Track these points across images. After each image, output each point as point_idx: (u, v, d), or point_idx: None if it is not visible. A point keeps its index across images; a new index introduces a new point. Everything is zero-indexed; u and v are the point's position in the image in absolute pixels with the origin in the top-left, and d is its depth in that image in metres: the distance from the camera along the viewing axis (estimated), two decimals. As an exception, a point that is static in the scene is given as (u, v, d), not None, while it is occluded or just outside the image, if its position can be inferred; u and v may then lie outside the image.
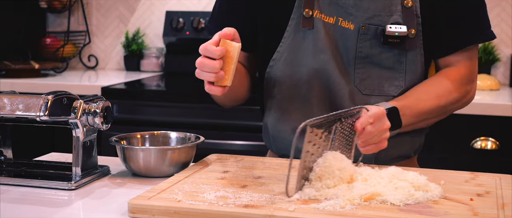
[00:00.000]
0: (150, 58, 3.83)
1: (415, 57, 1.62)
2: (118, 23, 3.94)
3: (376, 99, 1.61)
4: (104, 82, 3.27)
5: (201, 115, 2.98)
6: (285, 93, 1.65)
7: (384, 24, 1.60)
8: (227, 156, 1.61)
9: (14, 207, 1.28)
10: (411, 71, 1.63)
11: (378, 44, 1.61)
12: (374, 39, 1.61)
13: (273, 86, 1.67)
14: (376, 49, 1.61)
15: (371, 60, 1.62)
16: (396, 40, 1.59)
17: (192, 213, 1.17)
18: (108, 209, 1.27)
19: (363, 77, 1.62)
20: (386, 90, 1.63)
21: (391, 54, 1.62)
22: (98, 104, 1.44)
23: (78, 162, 1.44)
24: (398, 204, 1.21)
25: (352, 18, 1.61)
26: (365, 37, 1.61)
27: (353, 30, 1.61)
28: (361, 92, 1.63)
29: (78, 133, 1.44)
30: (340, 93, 1.62)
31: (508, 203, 1.24)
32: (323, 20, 1.62)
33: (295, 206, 1.18)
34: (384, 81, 1.63)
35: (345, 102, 1.61)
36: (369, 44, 1.61)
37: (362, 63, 1.62)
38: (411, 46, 1.61)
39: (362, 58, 1.62)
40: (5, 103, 1.43)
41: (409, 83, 1.63)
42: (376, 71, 1.62)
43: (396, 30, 1.58)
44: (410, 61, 1.62)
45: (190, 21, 3.65)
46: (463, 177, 1.44)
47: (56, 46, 3.75)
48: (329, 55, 1.61)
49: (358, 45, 1.61)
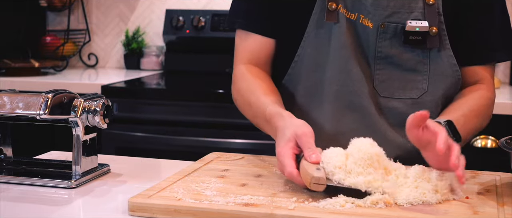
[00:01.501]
0: (150, 57, 3.83)
1: (440, 58, 1.57)
2: (118, 21, 3.94)
3: (395, 103, 1.58)
4: (104, 81, 3.27)
5: (201, 113, 2.98)
6: (308, 90, 1.62)
7: (403, 22, 1.55)
8: (227, 154, 1.61)
9: (14, 206, 1.28)
10: (436, 73, 1.58)
11: (399, 43, 1.56)
12: (394, 39, 1.56)
13: (297, 83, 1.63)
14: (396, 49, 1.57)
15: (391, 61, 1.57)
16: (417, 37, 1.54)
17: (192, 212, 1.17)
18: (108, 208, 1.27)
19: (383, 79, 1.58)
20: (407, 93, 1.58)
21: (413, 54, 1.57)
22: (98, 102, 1.44)
23: (78, 160, 1.44)
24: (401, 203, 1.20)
25: (371, 16, 1.57)
26: (384, 36, 1.56)
27: (372, 29, 1.57)
28: (380, 94, 1.59)
29: (78, 131, 1.44)
30: (360, 92, 1.57)
31: (508, 201, 1.24)
32: (346, 15, 1.57)
33: (295, 205, 1.18)
34: (405, 83, 1.58)
35: (365, 101, 1.57)
36: (388, 44, 1.57)
37: (382, 64, 1.58)
38: (433, 45, 1.56)
39: (381, 58, 1.57)
40: (5, 101, 1.43)
41: (434, 86, 1.58)
42: (397, 73, 1.58)
43: (417, 25, 1.54)
44: (434, 62, 1.57)
45: (190, 20, 3.65)
46: (463, 176, 1.44)
47: (56, 45, 3.75)
48: (350, 52, 1.56)
49: (377, 45, 1.57)
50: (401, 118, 1.55)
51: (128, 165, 1.61)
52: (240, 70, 1.66)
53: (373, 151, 1.27)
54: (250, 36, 1.67)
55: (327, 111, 1.59)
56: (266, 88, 1.58)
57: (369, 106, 1.57)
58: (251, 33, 1.67)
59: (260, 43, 1.67)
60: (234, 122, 2.89)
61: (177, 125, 3.00)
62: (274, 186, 1.32)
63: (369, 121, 1.58)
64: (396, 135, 1.59)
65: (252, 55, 1.67)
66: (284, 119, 1.41)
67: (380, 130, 1.58)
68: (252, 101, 1.57)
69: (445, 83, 1.59)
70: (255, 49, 1.67)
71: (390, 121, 1.59)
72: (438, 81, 1.59)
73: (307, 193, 1.26)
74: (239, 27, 1.69)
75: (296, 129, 1.34)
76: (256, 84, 1.60)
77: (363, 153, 1.26)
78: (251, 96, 1.58)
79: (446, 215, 1.15)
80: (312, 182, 1.22)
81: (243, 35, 1.68)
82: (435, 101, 1.60)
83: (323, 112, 1.60)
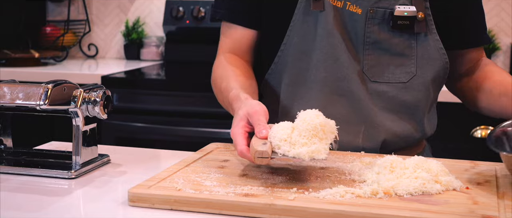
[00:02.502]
0: (150, 47, 3.83)
1: (427, 43, 1.61)
2: (118, 12, 3.94)
3: (385, 87, 1.61)
4: (104, 71, 3.27)
5: (201, 104, 2.98)
6: (294, 78, 1.63)
7: (391, 7, 1.59)
8: (227, 145, 1.61)
9: (14, 196, 1.28)
10: (423, 57, 1.61)
11: (387, 29, 1.59)
12: (382, 24, 1.60)
13: (283, 71, 1.65)
14: (385, 34, 1.60)
15: (380, 46, 1.60)
16: (405, 22, 1.58)
17: (192, 202, 1.17)
18: (108, 198, 1.27)
19: (372, 64, 1.61)
20: (397, 77, 1.61)
21: (401, 39, 1.60)
22: (98, 93, 1.44)
23: (78, 151, 1.44)
24: (401, 194, 1.21)
25: (359, 2, 1.59)
26: (373, 22, 1.59)
27: (361, 14, 1.59)
28: (369, 79, 1.61)
29: (78, 122, 1.44)
30: (349, 77, 1.59)
31: (508, 192, 1.25)
32: (332, 3, 1.60)
33: (295, 195, 1.18)
34: (394, 68, 1.61)
35: (354, 86, 1.59)
36: (377, 29, 1.60)
37: (371, 49, 1.60)
38: (420, 29, 1.60)
39: (370, 43, 1.60)
40: (5, 92, 1.43)
41: (422, 70, 1.61)
42: (386, 58, 1.61)
43: (405, 9, 1.57)
44: (421, 46, 1.61)
45: (190, 10, 3.65)
46: (463, 166, 1.44)
47: (56, 35, 3.75)
48: (338, 39, 1.59)
49: (366, 30, 1.60)
50: (391, 102, 1.60)
51: (128, 155, 1.62)
52: (219, 59, 1.70)
53: (317, 122, 1.27)
54: (233, 27, 1.70)
55: (315, 98, 1.61)
56: (238, 74, 1.61)
57: (358, 91, 1.59)
58: (233, 25, 1.70)
59: (241, 34, 1.70)
60: (234, 112, 2.89)
61: (177, 115, 3.01)
62: (274, 176, 1.32)
63: (358, 106, 1.60)
64: (384, 119, 1.62)
65: (233, 45, 1.71)
66: (240, 101, 1.43)
67: (369, 115, 1.61)
68: (223, 87, 1.60)
69: (433, 66, 1.62)
70: (237, 39, 1.70)
71: (380, 105, 1.62)
72: (426, 65, 1.62)
73: (307, 184, 1.26)
74: (222, 18, 1.73)
75: (249, 108, 1.35)
76: (230, 71, 1.63)
77: (308, 124, 1.27)
78: (223, 82, 1.61)
79: (446, 205, 1.15)
80: (256, 156, 1.23)
81: (226, 25, 1.72)
82: (425, 85, 1.63)
83: (310, 99, 1.61)
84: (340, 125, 1.40)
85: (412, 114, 1.63)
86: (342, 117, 1.58)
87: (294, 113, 1.56)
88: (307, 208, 1.13)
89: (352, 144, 1.60)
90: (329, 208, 1.12)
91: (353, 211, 1.11)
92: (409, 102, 1.62)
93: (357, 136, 1.61)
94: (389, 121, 1.62)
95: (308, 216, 1.13)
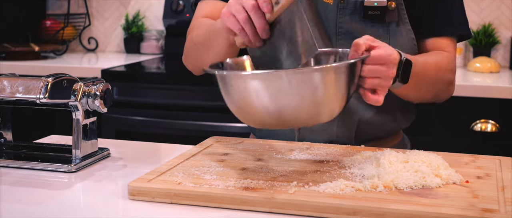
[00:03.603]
0: (150, 41, 3.83)
1: (399, 32, 1.60)
2: (118, 5, 3.93)
3: None
4: (104, 65, 3.27)
5: (201, 97, 2.98)
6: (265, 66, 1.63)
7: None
8: (227, 139, 1.61)
9: (14, 190, 1.28)
10: (395, 46, 1.57)
11: (359, 19, 1.59)
12: (354, 14, 1.59)
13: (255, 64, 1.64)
14: (357, 24, 1.60)
15: (352, 36, 1.57)
16: (376, 12, 1.58)
17: (192, 196, 1.18)
18: (108, 192, 1.27)
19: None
20: None
21: (373, 29, 1.59)
22: (98, 86, 1.44)
23: (78, 144, 1.44)
24: (401, 188, 1.21)
25: None
26: (344, 12, 1.59)
27: (332, 5, 1.60)
28: None
29: (78, 115, 1.44)
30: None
31: (508, 185, 1.25)
32: None
33: (295, 189, 1.18)
34: None
35: None
36: (349, 20, 1.60)
37: (343, 39, 1.60)
38: (392, 19, 1.59)
39: (343, 34, 1.60)
40: (5, 85, 1.43)
41: None
42: None
43: (376, 0, 1.57)
44: (393, 36, 1.60)
45: (190, 4, 3.64)
46: (463, 160, 1.44)
47: (56, 29, 3.75)
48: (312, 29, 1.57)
49: (338, 21, 1.60)
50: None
51: (128, 149, 1.62)
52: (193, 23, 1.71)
53: None
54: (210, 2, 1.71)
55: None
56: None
57: None
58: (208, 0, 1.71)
59: (219, 8, 1.66)
60: (234, 106, 2.89)
61: (177, 108, 3.00)
62: (274, 170, 1.32)
63: None
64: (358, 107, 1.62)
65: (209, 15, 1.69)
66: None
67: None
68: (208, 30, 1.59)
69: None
70: (214, 11, 1.69)
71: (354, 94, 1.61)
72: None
73: (307, 177, 1.26)
74: None
75: None
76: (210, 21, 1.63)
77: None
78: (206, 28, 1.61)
79: (446, 199, 1.15)
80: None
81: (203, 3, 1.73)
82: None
83: None
84: None
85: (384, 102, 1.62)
86: None
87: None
88: (307, 201, 1.13)
89: (327, 131, 1.61)
90: (329, 202, 1.12)
91: (353, 204, 1.11)
92: None
93: (332, 123, 1.61)
94: (362, 109, 1.62)
95: (308, 210, 1.13)
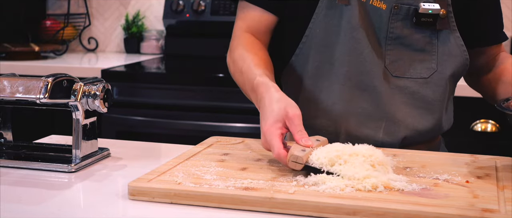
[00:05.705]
0: (150, 41, 3.83)
1: (448, 39, 1.62)
2: (118, 5, 3.93)
3: (406, 82, 1.62)
4: (104, 65, 3.27)
5: (201, 97, 2.98)
6: (315, 70, 1.63)
7: (416, 4, 1.59)
8: (227, 138, 1.61)
9: (14, 190, 1.28)
10: (444, 53, 1.63)
11: (410, 25, 1.60)
12: (405, 20, 1.60)
13: (305, 63, 1.64)
14: (407, 30, 1.61)
15: (401, 42, 1.61)
16: (429, 19, 1.59)
17: (192, 196, 1.17)
18: (108, 192, 1.27)
19: (394, 59, 1.62)
20: (418, 72, 1.62)
21: (422, 35, 1.61)
22: (98, 86, 1.44)
23: (78, 144, 1.44)
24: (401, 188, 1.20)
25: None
26: (397, 18, 1.60)
27: (385, 10, 1.60)
28: (392, 74, 1.62)
29: (78, 115, 1.44)
30: (372, 72, 1.60)
31: (508, 185, 1.25)
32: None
33: (295, 189, 1.18)
34: (416, 63, 1.62)
35: (376, 81, 1.60)
36: (400, 25, 1.60)
37: (393, 44, 1.61)
38: (443, 26, 1.61)
39: (393, 39, 1.61)
40: (5, 85, 1.43)
41: (443, 66, 1.63)
42: (407, 53, 1.62)
43: (430, 7, 1.58)
44: (442, 43, 1.62)
45: (190, 4, 3.64)
46: (463, 160, 1.44)
47: (56, 29, 3.75)
48: (362, 34, 1.59)
49: (390, 26, 1.60)
50: (412, 97, 1.62)
51: (128, 149, 1.62)
52: (237, 39, 1.67)
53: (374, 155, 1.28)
54: (251, 8, 1.68)
55: (337, 91, 1.61)
56: (259, 59, 1.59)
57: (380, 85, 1.60)
58: (252, 5, 1.68)
59: (260, 16, 1.67)
60: (234, 106, 2.89)
61: (177, 109, 3.00)
62: (274, 170, 1.32)
63: (379, 101, 1.61)
64: (405, 115, 1.63)
65: (251, 24, 1.68)
66: (270, 91, 1.43)
67: (391, 110, 1.62)
68: (244, 69, 1.58)
69: (453, 63, 1.64)
70: (255, 20, 1.68)
71: (401, 100, 1.63)
72: (447, 61, 1.63)
73: (307, 177, 1.26)
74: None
75: (288, 110, 1.36)
76: (250, 53, 1.61)
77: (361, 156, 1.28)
78: (243, 64, 1.59)
79: (446, 199, 1.15)
80: (291, 159, 1.26)
81: (245, 5, 1.69)
82: (445, 79, 1.64)
83: (332, 92, 1.61)
84: (361, 119, 1.49)
85: (432, 109, 1.64)
86: (363, 111, 1.61)
87: (315, 106, 1.60)
88: (307, 201, 1.13)
89: (372, 139, 1.60)
90: (329, 202, 1.12)
91: (353, 204, 1.11)
92: (430, 98, 1.63)
93: (378, 131, 1.62)
94: (410, 117, 1.63)
95: (308, 210, 1.13)
